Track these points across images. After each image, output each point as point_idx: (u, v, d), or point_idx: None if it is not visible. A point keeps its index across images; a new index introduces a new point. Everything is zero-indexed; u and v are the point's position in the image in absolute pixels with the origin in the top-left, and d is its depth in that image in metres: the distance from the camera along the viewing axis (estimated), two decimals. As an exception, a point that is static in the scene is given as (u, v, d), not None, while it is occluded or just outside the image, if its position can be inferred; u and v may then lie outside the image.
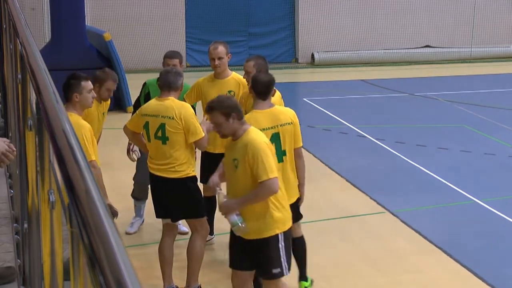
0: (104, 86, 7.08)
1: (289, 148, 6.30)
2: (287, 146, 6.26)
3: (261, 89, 6.23)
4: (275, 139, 6.19)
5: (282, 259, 5.60)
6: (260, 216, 5.54)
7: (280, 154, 6.25)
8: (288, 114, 6.33)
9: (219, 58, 7.36)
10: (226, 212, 5.60)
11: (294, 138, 6.30)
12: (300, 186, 6.45)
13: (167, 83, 6.62)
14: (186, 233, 7.72)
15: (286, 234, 5.66)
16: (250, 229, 5.55)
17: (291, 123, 6.27)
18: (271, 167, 5.42)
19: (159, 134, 6.53)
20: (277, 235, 5.57)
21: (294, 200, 6.34)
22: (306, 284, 6.88)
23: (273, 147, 5.68)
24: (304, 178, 6.46)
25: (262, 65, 6.95)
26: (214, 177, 5.82)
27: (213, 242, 7.92)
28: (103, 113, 7.18)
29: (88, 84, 6.27)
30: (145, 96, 7.69)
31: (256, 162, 5.40)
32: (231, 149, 5.62)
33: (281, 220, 5.59)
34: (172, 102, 6.51)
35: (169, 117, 6.43)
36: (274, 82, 6.33)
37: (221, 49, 7.39)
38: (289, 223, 5.68)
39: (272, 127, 6.22)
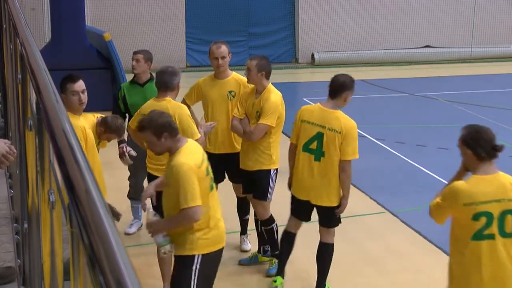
0: (108, 134, 6.66)
1: (330, 154, 6.35)
2: (327, 149, 6.34)
3: (332, 87, 6.45)
4: (318, 137, 6.35)
5: (192, 282, 5.27)
6: (183, 234, 5.29)
7: (319, 154, 6.38)
8: (342, 123, 6.35)
9: (222, 57, 7.33)
10: (152, 232, 5.38)
11: (341, 149, 6.34)
12: (343, 198, 6.51)
13: (163, 84, 6.62)
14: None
15: (206, 258, 5.31)
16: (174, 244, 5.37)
17: (340, 132, 6.31)
18: (193, 195, 5.07)
19: (157, 134, 6.53)
20: (193, 256, 5.27)
21: (320, 203, 6.54)
22: None
23: (203, 169, 5.24)
24: (348, 191, 6.49)
25: (264, 66, 6.95)
26: (150, 188, 5.59)
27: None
28: (98, 143, 6.65)
29: (73, 86, 5.91)
30: (122, 99, 7.97)
31: (179, 187, 5.11)
32: (168, 165, 5.36)
33: (203, 243, 5.29)
34: (168, 103, 6.51)
35: (165, 118, 6.41)
36: (347, 84, 6.43)
37: (224, 48, 7.37)
38: (212, 247, 5.33)
39: (318, 125, 6.37)
